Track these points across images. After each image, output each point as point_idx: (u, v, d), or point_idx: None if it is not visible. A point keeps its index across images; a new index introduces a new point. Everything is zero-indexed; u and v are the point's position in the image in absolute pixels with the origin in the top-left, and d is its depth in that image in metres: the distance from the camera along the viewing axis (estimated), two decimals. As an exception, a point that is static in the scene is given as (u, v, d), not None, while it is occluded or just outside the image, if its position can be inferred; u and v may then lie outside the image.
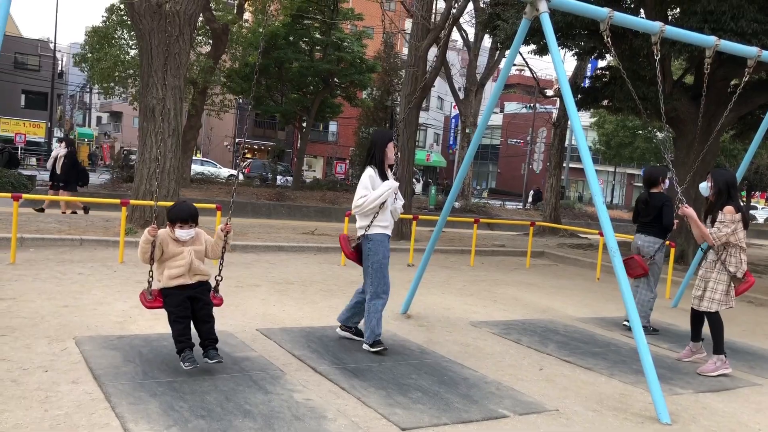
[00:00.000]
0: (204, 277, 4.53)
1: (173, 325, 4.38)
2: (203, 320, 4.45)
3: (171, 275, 4.41)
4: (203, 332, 4.44)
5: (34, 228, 10.30)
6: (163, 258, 4.46)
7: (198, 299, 4.45)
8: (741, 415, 4.56)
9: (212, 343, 4.41)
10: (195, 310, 4.44)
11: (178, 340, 4.33)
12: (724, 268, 5.52)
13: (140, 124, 11.61)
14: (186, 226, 4.46)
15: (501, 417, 4.08)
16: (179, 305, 4.37)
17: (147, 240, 4.38)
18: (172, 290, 4.40)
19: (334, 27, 27.20)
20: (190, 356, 4.23)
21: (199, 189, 22.13)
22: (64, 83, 54.53)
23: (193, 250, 4.49)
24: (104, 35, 23.07)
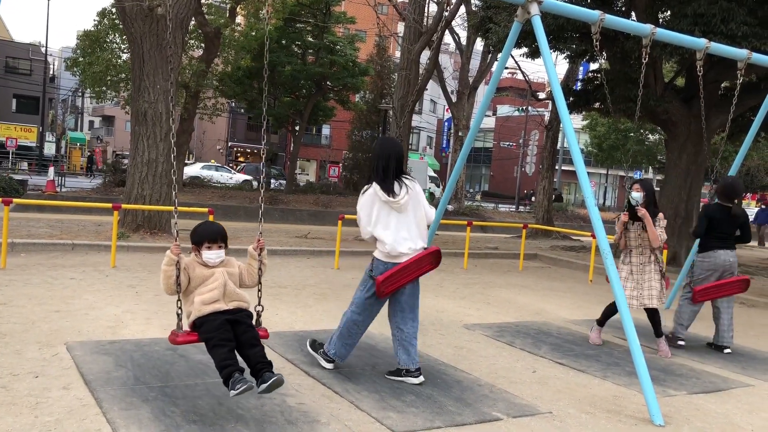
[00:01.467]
0: (243, 304, 3.86)
1: (214, 351, 3.61)
2: (250, 344, 3.71)
3: (204, 301, 3.75)
4: (253, 357, 3.68)
5: (25, 233, 10.24)
6: (190, 287, 3.82)
7: (240, 322, 3.76)
8: (733, 416, 4.57)
9: (267, 367, 3.67)
10: (237, 334, 3.72)
11: (223, 365, 3.54)
12: (659, 267, 6.20)
13: (132, 128, 11.58)
14: (215, 247, 3.87)
15: (494, 420, 4.07)
16: (219, 328, 3.66)
17: (170, 261, 3.72)
18: (208, 317, 3.71)
19: (326, 30, 27.23)
20: (241, 378, 3.49)
21: (192, 193, 22.07)
22: (56, 87, 54.35)
23: (226, 272, 3.88)
24: (96, 39, 23.01)
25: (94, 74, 22.93)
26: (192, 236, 3.95)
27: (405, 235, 4.62)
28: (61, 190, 21.01)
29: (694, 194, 13.94)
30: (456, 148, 26.28)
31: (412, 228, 4.66)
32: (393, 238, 4.58)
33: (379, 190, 4.61)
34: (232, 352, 3.65)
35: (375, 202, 4.62)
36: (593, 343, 6.43)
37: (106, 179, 21.99)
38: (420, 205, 4.74)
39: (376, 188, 4.63)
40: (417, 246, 4.65)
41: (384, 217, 4.62)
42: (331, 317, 6.67)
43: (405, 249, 4.60)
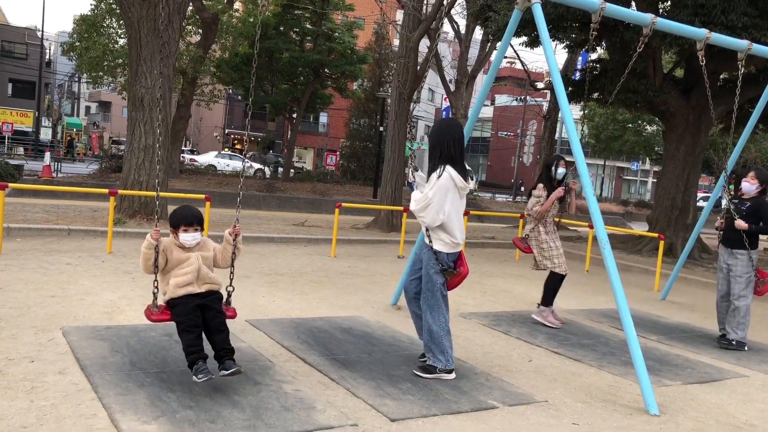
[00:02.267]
0: (214, 286, 4.15)
1: (183, 335, 3.95)
2: (216, 329, 4.03)
3: (178, 283, 4.03)
4: (218, 343, 4.00)
5: (21, 218, 10.20)
6: (167, 267, 4.10)
7: (209, 308, 4.05)
8: (728, 406, 4.58)
9: (228, 354, 3.98)
10: (207, 319, 4.03)
11: (189, 351, 3.89)
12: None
13: (129, 114, 11.51)
14: (191, 230, 4.10)
15: (490, 408, 4.08)
16: (189, 313, 3.95)
17: (149, 245, 4.00)
18: (181, 299, 4.01)
19: (324, 17, 27.09)
20: (203, 368, 3.81)
21: (189, 180, 22.03)
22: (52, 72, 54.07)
23: (201, 256, 4.14)
24: (93, 24, 22.83)
25: (91, 59, 22.76)
26: (170, 219, 4.16)
27: (462, 224, 4.63)
28: (57, 176, 20.94)
29: (691, 185, 13.95)
30: (454, 138, 26.19)
31: (462, 216, 4.64)
32: (460, 227, 4.57)
33: (455, 175, 4.45)
34: (199, 338, 3.94)
35: (450, 188, 4.44)
36: (554, 326, 6.49)
37: (102, 165, 21.92)
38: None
39: (452, 173, 4.44)
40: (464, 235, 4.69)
41: (456, 204, 4.52)
42: (328, 304, 6.68)
43: (463, 238, 4.63)
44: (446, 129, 4.65)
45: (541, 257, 6.64)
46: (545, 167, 6.80)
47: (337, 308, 6.56)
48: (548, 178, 6.68)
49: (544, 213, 6.59)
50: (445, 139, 4.54)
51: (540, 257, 6.65)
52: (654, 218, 14.22)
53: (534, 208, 6.56)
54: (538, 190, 6.62)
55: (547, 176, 6.70)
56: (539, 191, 6.60)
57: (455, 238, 4.53)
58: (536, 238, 6.65)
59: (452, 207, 4.47)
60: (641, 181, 65.23)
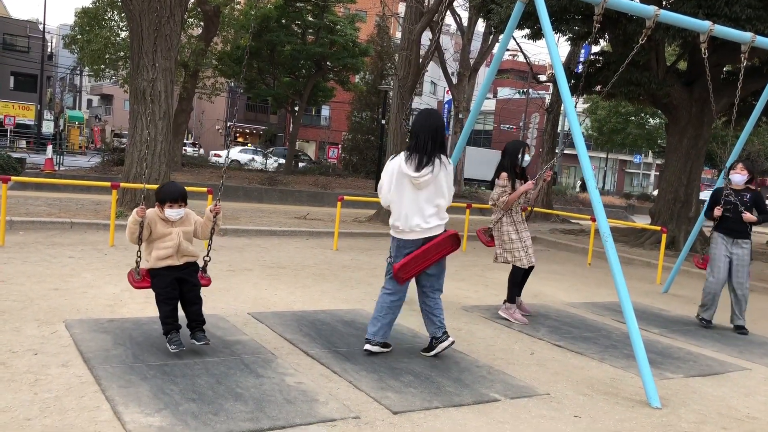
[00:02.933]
0: (192, 258, 4.51)
1: (160, 305, 4.37)
2: (191, 302, 4.45)
3: (159, 256, 4.37)
4: (191, 314, 4.43)
5: (24, 211, 10.22)
6: (151, 238, 4.42)
7: (186, 281, 4.43)
8: (730, 399, 4.59)
9: (199, 325, 4.43)
10: (183, 292, 4.42)
11: (165, 322, 4.33)
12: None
13: (131, 107, 11.51)
14: (175, 206, 4.42)
15: (492, 400, 4.09)
16: (167, 286, 4.35)
17: (135, 221, 4.33)
18: (160, 271, 4.37)
19: (326, 10, 27.00)
20: (176, 338, 4.26)
21: (191, 173, 22.02)
22: (54, 65, 54.00)
23: (182, 231, 4.45)
24: (94, 16, 22.79)
25: (93, 52, 22.74)
26: (156, 194, 4.49)
27: (415, 211, 4.61)
28: (60, 169, 20.95)
29: (694, 178, 13.92)
30: (456, 131, 26.19)
31: (426, 207, 4.62)
32: (407, 214, 4.61)
33: (403, 162, 4.61)
34: (175, 310, 4.38)
35: (395, 172, 4.64)
36: (519, 322, 6.28)
37: (104, 158, 21.92)
38: (441, 189, 4.65)
39: (401, 159, 4.63)
40: (428, 225, 4.63)
41: (405, 191, 4.62)
42: (330, 297, 6.69)
43: (413, 226, 4.61)
44: (424, 118, 4.75)
45: (501, 249, 6.40)
46: (509, 155, 6.39)
47: (339, 301, 6.57)
48: (512, 165, 6.37)
49: (511, 203, 6.30)
50: (419, 128, 4.67)
51: (500, 250, 6.41)
52: (656, 211, 14.20)
53: (501, 198, 6.29)
54: (501, 179, 6.30)
55: (512, 164, 6.37)
56: (503, 180, 6.28)
57: (395, 222, 4.69)
58: (498, 230, 6.40)
59: (398, 192, 4.63)
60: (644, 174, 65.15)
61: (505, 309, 6.49)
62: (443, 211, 4.74)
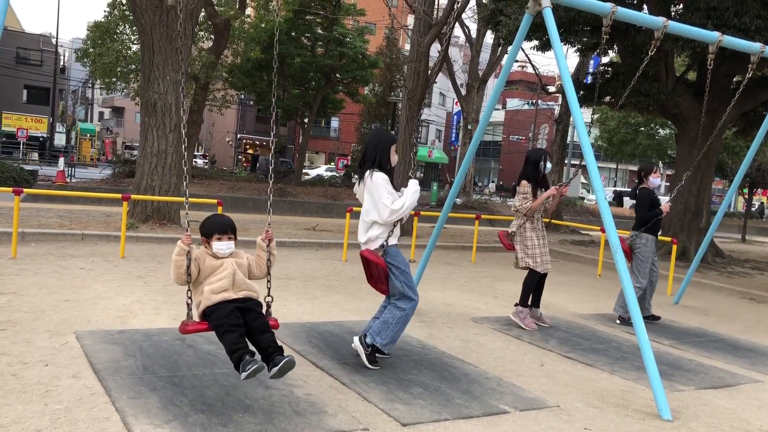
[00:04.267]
0: (252, 293, 3.89)
1: (224, 336, 3.62)
2: (260, 330, 3.72)
3: (213, 290, 3.77)
4: (263, 342, 3.69)
5: (35, 222, 10.30)
6: (199, 278, 3.85)
7: (249, 310, 3.77)
8: (743, 412, 4.54)
9: (278, 351, 3.66)
10: (247, 322, 3.72)
11: (234, 349, 3.55)
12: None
13: (142, 119, 11.61)
14: (225, 238, 3.89)
15: (502, 413, 4.07)
16: (229, 315, 3.67)
17: (181, 251, 3.73)
18: (218, 305, 3.74)
19: (336, 22, 27.17)
20: (251, 360, 3.49)
21: (201, 184, 22.13)
22: (66, 78, 54.51)
23: (235, 262, 3.92)
24: (106, 30, 23.04)
25: (104, 65, 22.96)
26: (202, 228, 3.96)
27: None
28: (71, 181, 21.11)
29: (704, 189, 13.86)
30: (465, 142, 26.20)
31: (361, 222, 4.86)
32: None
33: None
34: (242, 336, 3.64)
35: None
36: (529, 328, 6.40)
37: (115, 170, 22.07)
38: (367, 204, 4.73)
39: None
40: (361, 240, 4.83)
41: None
42: (339, 309, 6.69)
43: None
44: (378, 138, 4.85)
45: (523, 254, 6.46)
46: (532, 163, 6.52)
47: (348, 312, 6.57)
48: (534, 173, 6.48)
49: (534, 210, 6.40)
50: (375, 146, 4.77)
51: (522, 254, 6.48)
52: (667, 222, 14.13)
53: (524, 205, 6.38)
54: (522, 186, 6.42)
55: (534, 172, 6.48)
56: (524, 187, 6.40)
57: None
58: (521, 235, 6.48)
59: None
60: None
61: (516, 313, 6.56)
62: (374, 226, 4.72)
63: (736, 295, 10.18)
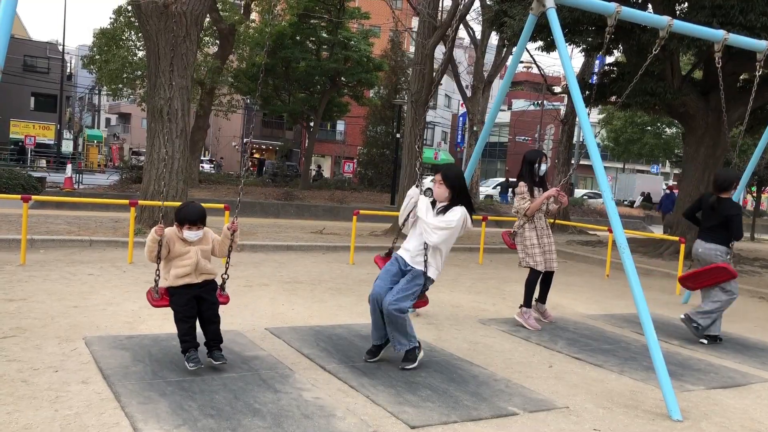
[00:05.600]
0: (210, 276, 4.53)
1: (179, 324, 4.39)
2: (209, 320, 4.46)
3: (177, 274, 4.40)
4: (209, 332, 4.46)
5: (44, 229, 10.35)
6: (169, 257, 4.46)
7: (204, 299, 4.46)
8: (753, 412, 4.52)
9: (217, 344, 4.45)
10: (201, 310, 4.45)
11: (183, 340, 4.36)
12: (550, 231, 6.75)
13: (148, 125, 11.65)
14: (194, 228, 4.45)
15: (511, 414, 4.06)
16: (186, 304, 4.38)
17: (154, 239, 4.38)
18: (179, 289, 4.40)
19: (340, 26, 27.20)
20: (194, 356, 4.29)
21: (208, 189, 22.20)
22: (73, 85, 54.82)
23: (200, 250, 4.48)
24: (112, 37, 23.18)
25: (111, 72, 23.10)
26: (176, 214, 4.50)
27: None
28: (79, 187, 21.22)
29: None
30: (471, 143, 26.20)
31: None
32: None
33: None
34: (193, 328, 4.41)
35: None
36: (533, 328, 6.42)
37: (123, 176, 22.17)
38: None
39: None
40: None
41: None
42: (347, 312, 6.70)
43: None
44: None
45: (524, 254, 6.51)
46: (527, 163, 6.58)
47: (356, 315, 6.57)
48: (530, 174, 6.54)
49: (533, 211, 6.44)
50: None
51: (522, 254, 6.53)
52: (674, 221, 14.08)
53: (522, 205, 6.43)
54: (519, 187, 6.48)
55: (530, 172, 6.55)
56: (521, 188, 6.46)
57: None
58: (521, 235, 6.54)
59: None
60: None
61: (520, 314, 6.58)
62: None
63: (745, 294, 10.12)
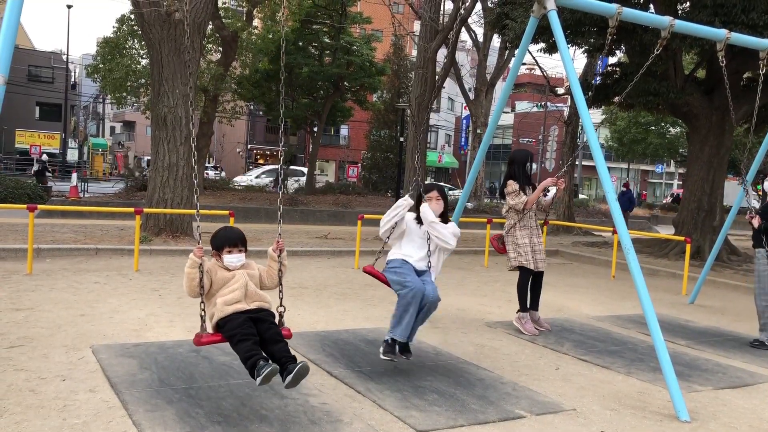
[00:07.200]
0: (265, 304, 3.90)
1: (238, 345, 3.62)
2: (273, 340, 3.72)
3: (226, 302, 3.78)
4: (277, 352, 3.67)
5: (50, 238, 10.39)
6: (212, 290, 3.87)
7: (262, 320, 3.79)
8: (762, 412, 4.50)
9: (292, 360, 3.66)
10: (261, 332, 3.73)
11: (248, 356, 3.56)
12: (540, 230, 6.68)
13: (153, 133, 11.69)
14: (235, 251, 3.91)
15: (518, 417, 4.06)
16: (242, 325, 3.68)
17: (194, 263, 3.75)
18: (231, 316, 3.74)
19: (342, 31, 27.26)
20: (265, 364, 3.50)
21: (213, 196, 22.23)
22: (78, 94, 55.06)
23: (247, 273, 3.93)
24: (115, 46, 23.26)
25: (115, 80, 23.17)
26: (212, 241, 3.97)
27: None
28: (84, 196, 21.28)
29: (717, 187, 13.76)
30: (474, 146, 26.20)
31: None
32: None
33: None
34: (256, 344, 3.64)
35: None
36: (530, 333, 6.29)
37: (128, 184, 22.23)
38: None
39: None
40: None
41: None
42: (352, 317, 6.70)
43: None
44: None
45: (515, 254, 6.40)
46: (518, 163, 6.46)
47: (362, 320, 6.58)
48: (522, 173, 6.44)
49: (532, 203, 6.33)
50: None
51: (514, 254, 6.42)
52: (680, 221, 14.04)
53: (519, 200, 6.30)
54: (510, 185, 6.37)
55: (521, 172, 6.45)
56: (512, 186, 6.36)
57: None
58: (512, 234, 6.44)
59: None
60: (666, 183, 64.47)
61: (517, 319, 6.52)
62: None
63: (752, 293, 10.07)
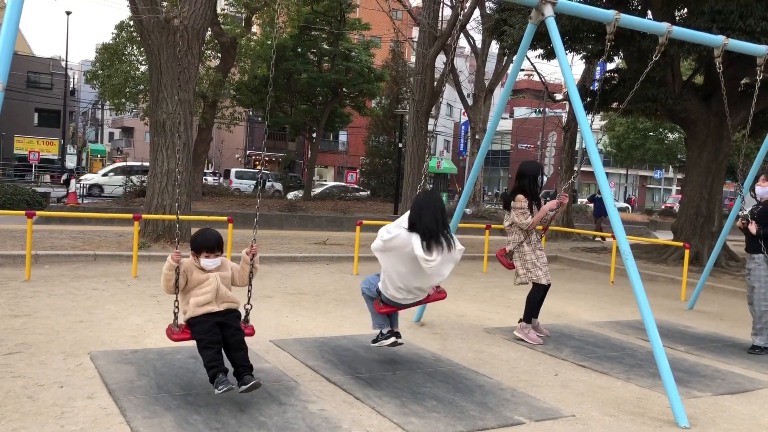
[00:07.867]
0: (233, 305, 4.25)
1: (204, 352, 4.03)
2: (236, 347, 4.10)
3: (198, 303, 4.13)
4: (237, 360, 4.08)
5: (48, 245, 10.38)
6: (187, 287, 4.21)
7: (228, 326, 4.14)
8: (761, 418, 4.49)
9: (248, 370, 4.05)
10: (226, 337, 4.11)
11: (210, 366, 3.96)
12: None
13: (151, 139, 11.70)
14: (212, 256, 4.22)
15: (517, 424, 4.05)
16: (209, 331, 4.05)
17: (170, 266, 4.10)
18: (200, 318, 4.11)
19: (341, 37, 27.32)
20: (224, 379, 3.89)
21: (211, 202, 22.23)
22: (76, 100, 55.11)
23: (219, 276, 4.24)
24: (114, 52, 23.33)
25: (113, 86, 23.23)
26: (192, 243, 4.29)
27: None
28: (83, 202, 21.27)
29: (715, 192, 13.78)
30: (473, 152, 26.24)
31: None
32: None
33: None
34: (219, 353, 4.04)
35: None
36: (535, 342, 6.24)
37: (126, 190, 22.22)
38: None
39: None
40: None
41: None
42: (351, 323, 6.69)
43: None
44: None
45: (525, 270, 6.33)
46: (528, 177, 6.35)
47: (361, 326, 6.56)
48: (532, 188, 6.33)
49: (536, 224, 6.24)
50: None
51: (523, 270, 6.33)
52: (679, 227, 14.05)
53: (524, 221, 6.20)
54: (519, 201, 6.23)
55: (532, 186, 6.33)
56: (521, 202, 6.21)
57: None
58: (520, 251, 6.33)
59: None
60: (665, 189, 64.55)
61: (520, 329, 6.43)
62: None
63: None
